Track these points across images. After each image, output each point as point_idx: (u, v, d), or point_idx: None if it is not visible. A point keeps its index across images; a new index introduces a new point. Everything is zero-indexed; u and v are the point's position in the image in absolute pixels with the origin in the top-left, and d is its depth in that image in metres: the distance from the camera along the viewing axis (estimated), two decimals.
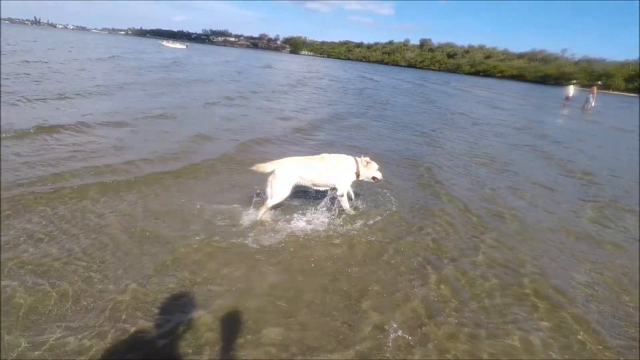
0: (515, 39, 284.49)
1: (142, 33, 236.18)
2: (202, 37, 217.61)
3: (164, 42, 78.21)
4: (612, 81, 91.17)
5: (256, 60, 48.53)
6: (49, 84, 11.58)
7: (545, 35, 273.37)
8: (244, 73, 24.19)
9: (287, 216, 4.04)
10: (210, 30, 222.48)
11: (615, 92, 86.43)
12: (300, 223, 3.92)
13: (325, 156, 4.10)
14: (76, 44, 34.83)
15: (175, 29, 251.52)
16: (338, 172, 4.04)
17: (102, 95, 10.94)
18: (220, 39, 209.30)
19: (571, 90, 24.29)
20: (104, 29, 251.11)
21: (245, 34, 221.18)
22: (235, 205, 4.19)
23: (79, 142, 6.24)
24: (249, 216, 3.95)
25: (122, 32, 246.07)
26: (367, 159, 4.17)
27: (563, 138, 11.72)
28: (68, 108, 8.62)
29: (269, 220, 3.94)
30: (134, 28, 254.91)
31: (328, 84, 23.62)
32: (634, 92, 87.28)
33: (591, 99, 21.55)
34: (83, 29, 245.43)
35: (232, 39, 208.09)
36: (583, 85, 54.17)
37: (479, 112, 16.81)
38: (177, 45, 73.48)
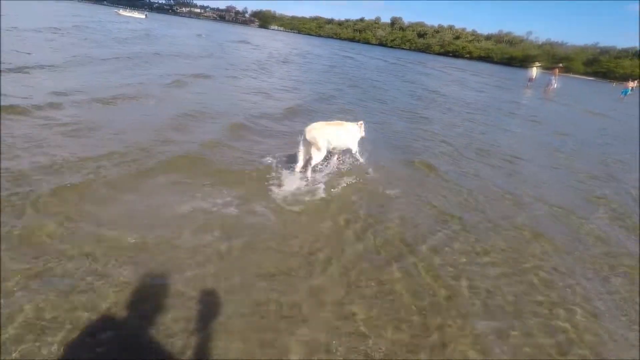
0: (484, 19, 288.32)
1: (98, 0, 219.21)
2: (165, 6, 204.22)
3: (120, 10, 71.05)
4: (572, 64, 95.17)
5: (229, 34, 45.70)
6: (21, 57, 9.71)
7: (512, 17, 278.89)
8: (225, 49, 22.29)
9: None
10: (174, 0, 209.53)
11: (575, 75, 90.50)
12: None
13: (344, 122, 4.69)
14: (21, 10, 30.52)
15: None
16: (353, 135, 4.74)
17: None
18: (184, 9, 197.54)
19: (534, 71, 24.71)
20: None
21: (212, 5, 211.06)
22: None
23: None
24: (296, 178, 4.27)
25: None
26: (362, 122, 4.92)
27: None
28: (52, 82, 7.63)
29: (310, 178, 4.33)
30: None
31: (320, 65, 22.34)
32: (591, 76, 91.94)
33: (553, 81, 22.13)
34: None
35: (198, 10, 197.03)
36: (546, 68, 56.21)
37: (464, 94, 16.60)
38: (135, 14, 67.32)
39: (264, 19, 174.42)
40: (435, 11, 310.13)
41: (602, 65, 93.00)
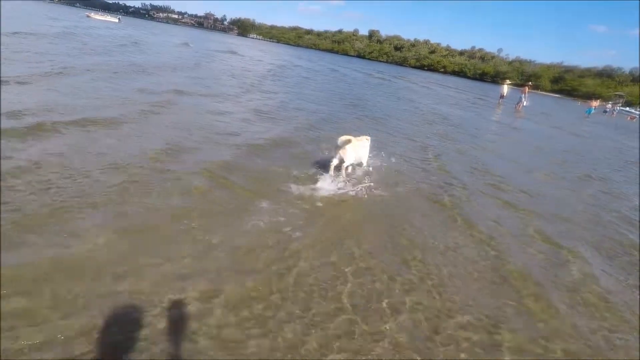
0: (457, 36, 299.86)
1: (72, 2, 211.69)
2: (141, 11, 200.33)
3: (92, 13, 67.18)
4: (540, 82, 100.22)
5: (213, 43, 44.23)
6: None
7: (484, 34, 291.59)
8: (217, 61, 21.37)
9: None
10: (151, 5, 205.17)
11: (543, 92, 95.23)
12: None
13: (362, 138, 5.22)
14: None
15: (110, 0, 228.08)
16: (366, 149, 5.31)
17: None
18: (162, 15, 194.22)
19: (505, 89, 25.47)
20: None
21: (190, 12, 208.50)
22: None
23: None
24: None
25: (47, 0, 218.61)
26: (367, 137, 5.40)
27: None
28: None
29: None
30: None
31: (315, 79, 22.29)
32: (557, 93, 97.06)
33: (523, 99, 22.83)
34: None
35: (175, 16, 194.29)
36: (516, 85, 58.95)
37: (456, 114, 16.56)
38: (108, 17, 64.67)
39: (243, 28, 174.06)
40: (411, 26, 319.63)
41: (567, 84, 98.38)
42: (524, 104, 22.75)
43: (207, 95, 9.63)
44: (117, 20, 61.37)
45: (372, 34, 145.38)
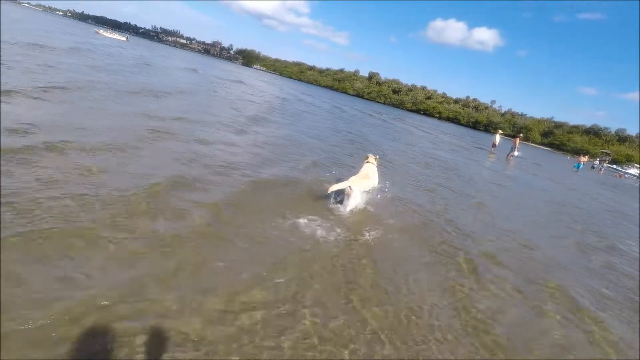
0: (453, 84, 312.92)
1: (84, 17, 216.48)
2: (151, 33, 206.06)
3: (101, 30, 69.82)
4: (531, 134, 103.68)
5: (222, 72, 44.37)
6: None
7: (478, 85, 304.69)
8: (228, 90, 21.27)
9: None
10: (161, 28, 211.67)
11: (534, 145, 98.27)
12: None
13: (369, 173, 5.47)
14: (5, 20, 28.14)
15: (122, 19, 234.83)
16: (376, 178, 5.64)
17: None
18: (170, 38, 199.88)
19: (497, 138, 26.04)
20: (37, 5, 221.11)
21: (198, 38, 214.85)
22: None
23: None
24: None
25: (60, 13, 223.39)
26: (377, 156, 5.94)
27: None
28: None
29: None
30: (74, 11, 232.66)
31: (319, 116, 22.36)
32: (547, 146, 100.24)
33: (515, 150, 23.34)
34: None
35: (183, 41, 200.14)
36: (507, 135, 60.78)
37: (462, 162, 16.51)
38: (116, 35, 66.39)
39: (247, 58, 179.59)
40: (409, 71, 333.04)
41: (556, 138, 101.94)
42: (515, 154, 23.20)
43: (209, 124, 9.44)
44: (124, 39, 62.69)
45: (372, 76, 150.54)
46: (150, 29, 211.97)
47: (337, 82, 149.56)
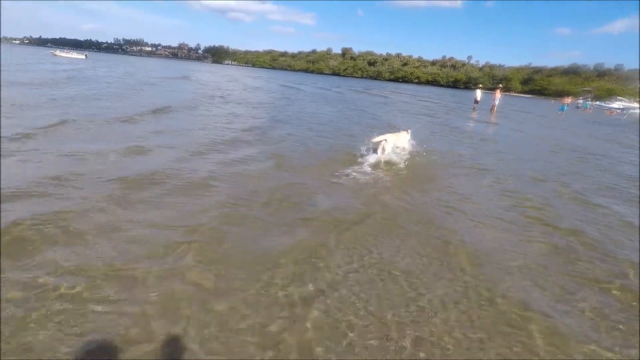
0: (428, 46, 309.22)
1: (42, 42, 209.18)
2: (114, 46, 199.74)
3: (57, 51, 66.64)
4: (511, 84, 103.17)
5: (179, 72, 43.52)
6: None
7: (454, 42, 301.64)
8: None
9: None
10: (124, 39, 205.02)
11: (515, 94, 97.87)
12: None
13: (402, 133, 7.43)
14: None
15: (82, 38, 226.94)
16: (407, 139, 7.45)
17: None
18: (135, 48, 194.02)
19: (478, 94, 25.46)
20: None
21: (163, 43, 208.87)
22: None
23: None
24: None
25: (17, 42, 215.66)
26: (410, 130, 7.72)
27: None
28: None
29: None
30: (31, 37, 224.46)
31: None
32: (528, 93, 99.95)
33: (496, 101, 22.88)
34: None
35: (149, 49, 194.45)
36: (488, 89, 60.08)
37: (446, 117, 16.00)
38: (74, 54, 63.48)
39: (217, 55, 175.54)
40: (382, 41, 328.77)
41: (536, 84, 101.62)
42: (496, 105, 22.73)
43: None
44: (83, 57, 60.08)
45: (345, 52, 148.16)
46: (113, 42, 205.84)
47: (311, 64, 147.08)
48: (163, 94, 15.59)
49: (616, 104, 53.26)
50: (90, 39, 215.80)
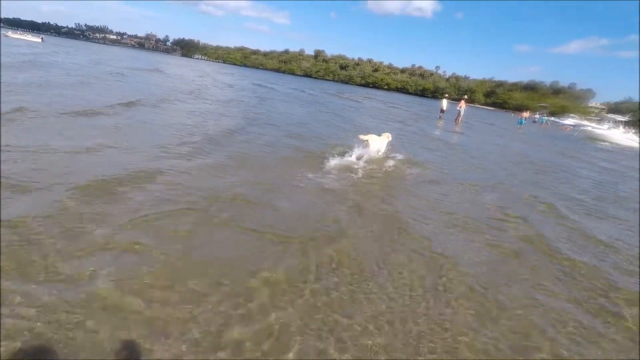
0: (398, 54, 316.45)
1: None
2: (76, 31, 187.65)
3: (10, 32, 62.21)
4: (475, 96, 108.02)
5: (150, 63, 41.84)
6: None
7: (423, 52, 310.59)
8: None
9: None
10: (86, 25, 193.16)
11: (478, 105, 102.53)
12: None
13: (384, 134, 8.17)
14: None
15: (40, 20, 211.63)
16: (386, 142, 8.12)
17: None
18: (98, 35, 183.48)
19: (444, 103, 26.52)
20: None
21: (130, 32, 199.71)
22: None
23: None
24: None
25: None
26: (389, 134, 8.33)
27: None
28: None
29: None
30: None
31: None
32: (490, 106, 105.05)
33: (461, 112, 24.03)
34: None
35: (114, 37, 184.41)
36: (454, 99, 62.63)
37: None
38: (29, 37, 59.06)
39: (186, 48, 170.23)
40: (354, 45, 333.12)
41: (498, 97, 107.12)
42: (462, 115, 23.81)
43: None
44: (39, 40, 55.97)
45: (317, 54, 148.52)
46: (74, 27, 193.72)
47: (283, 64, 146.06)
48: (134, 87, 15.04)
49: (569, 121, 57.18)
50: (49, 22, 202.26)
